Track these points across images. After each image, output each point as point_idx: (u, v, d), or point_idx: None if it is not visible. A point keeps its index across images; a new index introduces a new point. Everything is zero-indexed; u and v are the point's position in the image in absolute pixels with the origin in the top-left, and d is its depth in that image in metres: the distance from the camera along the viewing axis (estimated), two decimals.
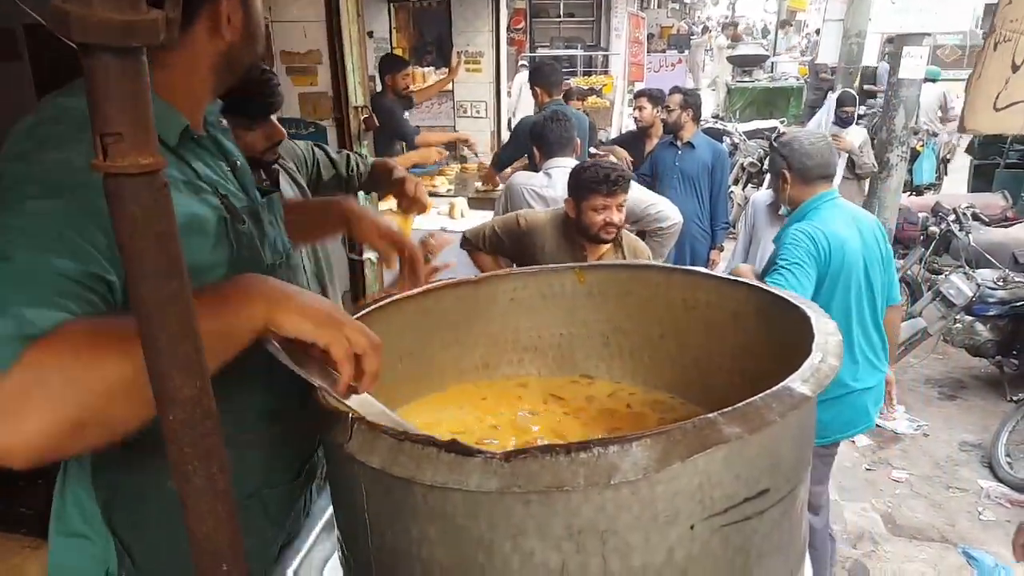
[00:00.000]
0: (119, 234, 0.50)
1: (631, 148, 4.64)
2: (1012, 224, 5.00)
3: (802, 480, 0.79)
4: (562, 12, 11.88)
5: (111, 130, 0.48)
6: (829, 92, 8.39)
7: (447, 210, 4.00)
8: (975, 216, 4.75)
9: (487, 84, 5.96)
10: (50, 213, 0.69)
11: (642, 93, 4.70)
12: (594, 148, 4.63)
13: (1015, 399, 3.79)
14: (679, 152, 4.03)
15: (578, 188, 2.17)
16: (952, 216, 4.65)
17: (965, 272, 4.00)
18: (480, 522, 0.66)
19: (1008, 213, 5.28)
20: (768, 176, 5.40)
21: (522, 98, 7.40)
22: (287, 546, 1.03)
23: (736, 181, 6.70)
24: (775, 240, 2.30)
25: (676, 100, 4.03)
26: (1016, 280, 3.92)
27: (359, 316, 0.98)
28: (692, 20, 19.21)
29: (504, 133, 5.94)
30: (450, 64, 5.58)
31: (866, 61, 7.18)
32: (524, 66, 8.61)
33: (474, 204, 4.18)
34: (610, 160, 4.16)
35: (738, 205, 6.17)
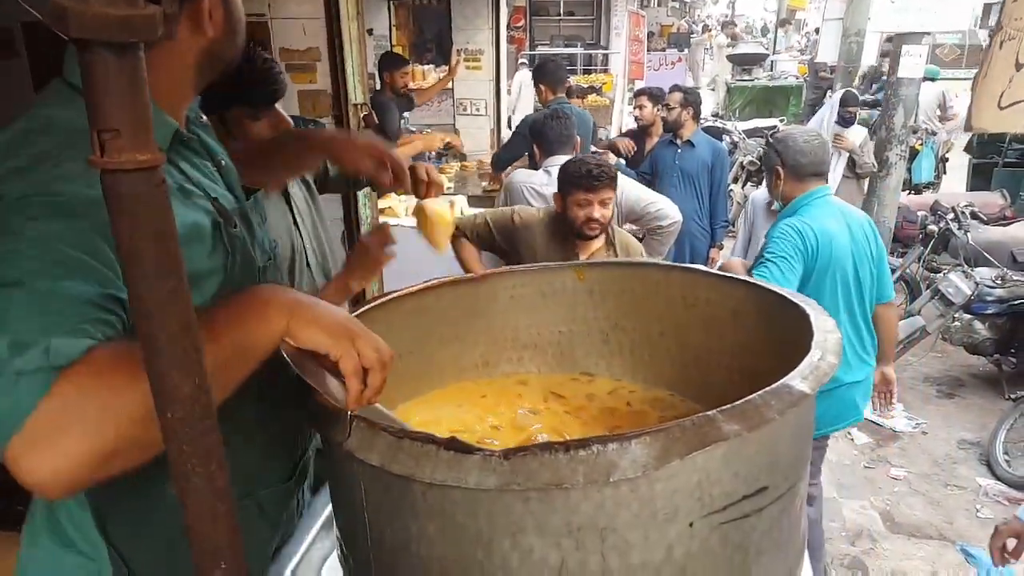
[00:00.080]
0: (117, 232, 0.50)
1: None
2: (1010, 223, 5.00)
3: (801, 478, 0.79)
4: (562, 10, 11.85)
5: (109, 126, 0.48)
6: (829, 91, 8.38)
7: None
8: (974, 215, 4.75)
9: (487, 82, 5.95)
10: (60, 236, 0.68)
11: (642, 92, 4.69)
12: (594, 147, 4.62)
13: (1013, 397, 3.79)
14: (679, 150, 4.03)
15: (562, 183, 2.20)
16: (951, 215, 4.65)
17: (964, 270, 4.00)
18: (479, 519, 0.66)
19: (1007, 212, 5.29)
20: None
21: (522, 96, 7.39)
22: (284, 545, 1.03)
23: (736, 179, 6.69)
24: (766, 235, 2.32)
25: (676, 98, 4.03)
26: (1014, 278, 3.92)
27: (358, 314, 0.98)
28: (692, 18, 19.19)
29: (504, 131, 5.94)
30: (450, 62, 5.57)
31: (866, 60, 7.18)
32: (524, 64, 8.59)
33: (474, 202, 4.18)
34: (607, 159, 4.18)
35: (737, 203, 6.17)
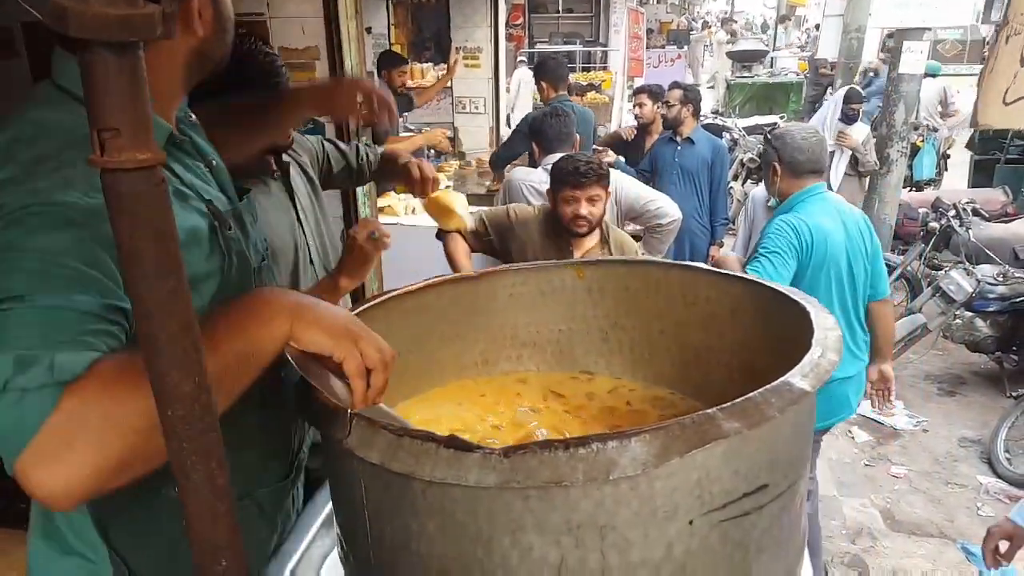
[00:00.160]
0: (117, 231, 0.50)
1: (632, 144, 4.63)
2: (1012, 220, 4.99)
3: (801, 476, 0.79)
4: (561, 7, 11.84)
5: (109, 125, 0.48)
6: (829, 87, 8.38)
7: None
8: (975, 212, 4.74)
9: (486, 80, 5.94)
10: (61, 248, 0.67)
11: (642, 89, 4.68)
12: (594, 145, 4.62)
13: (1014, 395, 3.79)
14: (679, 148, 4.02)
15: (552, 180, 2.23)
16: (952, 212, 4.65)
17: (965, 268, 3.99)
18: (479, 517, 0.66)
19: (1008, 209, 5.28)
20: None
21: (521, 94, 7.38)
22: (284, 543, 1.03)
23: (736, 177, 6.68)
24: (762, 230, 2.33)
25: (676, 95, 4.02)
26: (1016, 276, 3.91)
27: (358, 312, 0.98)
28: (692, 15, 19.17)
29: (503, 129, 5.93)
30: (448, 60, 5.57)
31: (866, 56, 7.17)
32: (523, 62, 8.58)
33: (474, 200, 4.17)
34: (606, 156, 4.18)
35: (737, 201, 6.16)
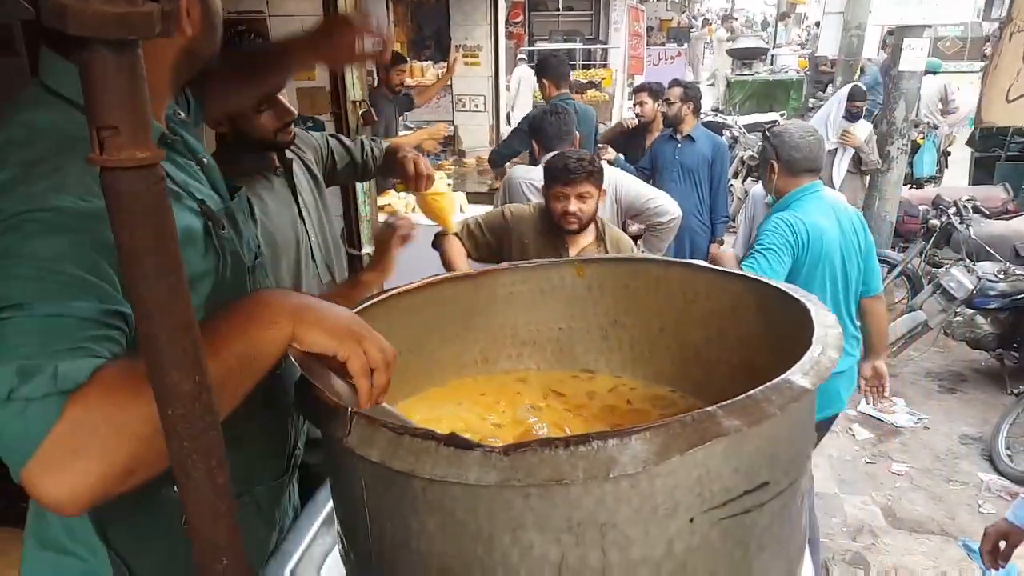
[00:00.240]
0: (117, 230, 0.50)
1: (632, 142, 4.62)
2: (1013, 217, 4.99)
3: (802, 473, 0.79)
4: (561, 5, 11.83)
5: (108, 124, 0.48)
6: (829, 85, 8.35)
7: None
8: (976, 209, 4.73)
9: (486, 78, 5.94)
10: (58, 255, 0.67)
11: (642, 88, 4.68)
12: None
13: (1015, 392, 3.79)
14: (679, 145, 4.02)
15: (544, 177, 2.26)
16: (953, 209, 4.64)
17: (966, 265, 3.99)
18: (479, 515, 0.66)
19: (1009, 206, 5.28)
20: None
21: (520, 92, 7.38)
22: (284, 541, 1.03)
23: (736, 175, 6.67)
24: (758, 228, 2.35)
25: (676, 93, 4.02)
26: (1017, 273, 3.91)
27: (358, 310, 0.98)
28: (692, 13, 19.14)
29: (503, 127, 5.93)
30: (448, 59, 5.56)
31: (867, 54, 7.15)
32: (523, 60, 8.57)
33: (473, 199, 4.17)
34: (605, 153, 4.17)
35: (738, 199, 6.16)
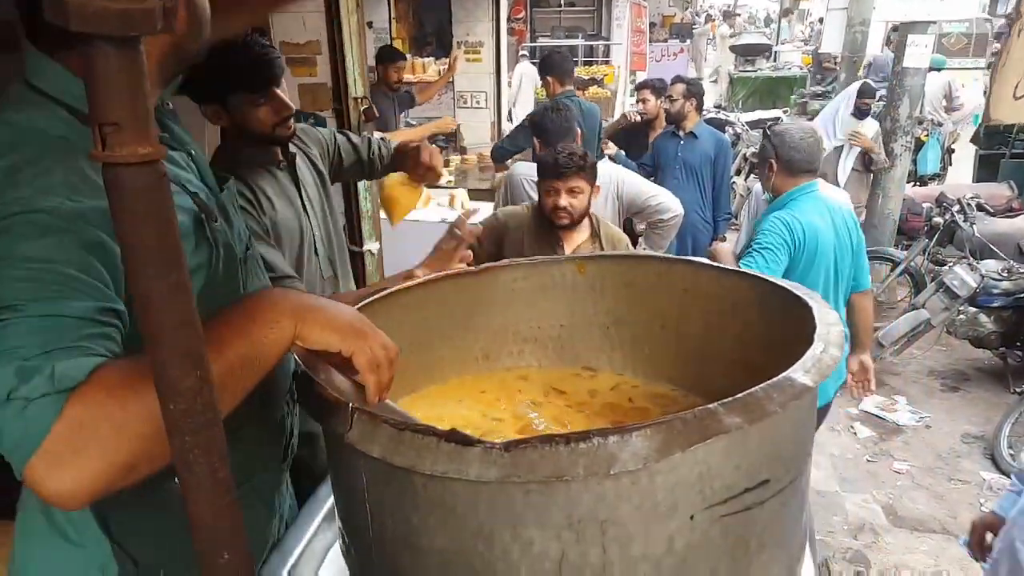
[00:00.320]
0: (119, 226, 0.50)
1: (634, 138, 4.62)
2: (1017, 215, 4.96)
3: (803, 471, 0.79)
4: (563, 1, 11.79)
5: (110, 120, 0.48)
6: (834, 82, 8.32)
7: (447, 201, 3.98)
8: (980, 207, 4.71)
9: (487, 74, 5.93)
10: (50, 255, 0.67)
11: (645, 85, 4.66)
12: None
13: (1018, 391, 3.78)
14: (681, 142, 4.01)
15: (537, 172, 2.26)
16: (957, 207, 4.62)
17: (969, 263, 3.97)
18: (480, 511, 0.66)
19: (1013, 204, 5.25)
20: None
21: (522, 88, 7.36)
22: (286, 536, 1.03)
23: (738, 171, 6.66)
24: (755, 226, 2.36)
25: (679, 90, 4.00)
26: (1021, 271, 3.89)
27: (360, 308, 0.98)
28: (695, 9, 19.06)
29: (505, 124, 5.92)
30: (450, 55, 5.55)
31: (871, 50, 7.12)
32: (524, 56, 8.55)
33: (475, 196, 4.17)
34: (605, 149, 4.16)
35: (740, 196, 6.15)
